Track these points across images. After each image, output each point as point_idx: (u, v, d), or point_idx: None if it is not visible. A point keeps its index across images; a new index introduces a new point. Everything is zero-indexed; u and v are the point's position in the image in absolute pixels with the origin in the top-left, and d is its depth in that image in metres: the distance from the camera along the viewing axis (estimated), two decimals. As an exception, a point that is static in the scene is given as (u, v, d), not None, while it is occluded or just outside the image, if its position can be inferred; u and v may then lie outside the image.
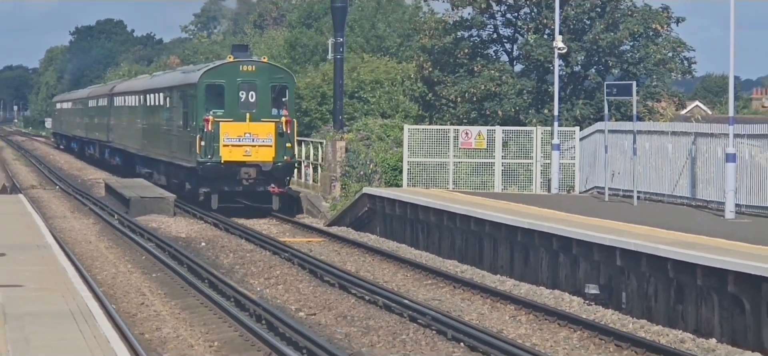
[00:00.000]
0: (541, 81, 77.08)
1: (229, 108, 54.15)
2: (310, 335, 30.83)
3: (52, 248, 35.93)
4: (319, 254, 47.55)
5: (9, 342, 20.90)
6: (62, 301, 25.93)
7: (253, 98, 53.99)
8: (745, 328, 31.43)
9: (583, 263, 40.23)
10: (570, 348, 30.86)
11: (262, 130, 53.04)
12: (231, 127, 52.85)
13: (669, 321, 34.58)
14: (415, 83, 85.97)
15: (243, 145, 52.75)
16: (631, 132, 57.81)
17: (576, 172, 64.64)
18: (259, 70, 56.39)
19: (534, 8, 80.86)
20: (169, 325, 33.80)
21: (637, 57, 79.91)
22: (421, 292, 40.07)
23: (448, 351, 30.33)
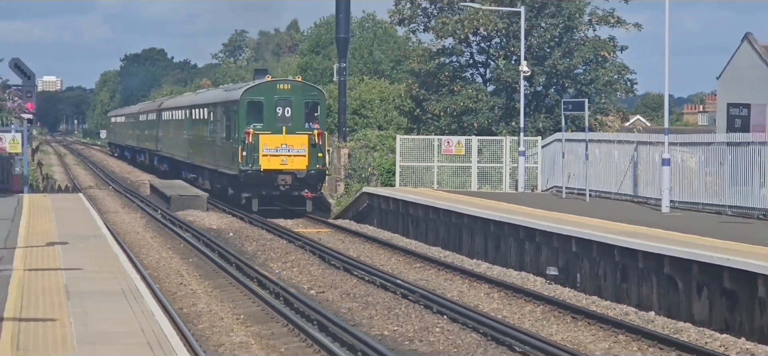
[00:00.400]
0: (509, 99, 77.74)
1: (267, 122, 51.54)
2: (320, 309, 31.02)
3: (107, 238, 35.85)
4: (327, 242, 47.57)
5: (72, 315, 20.86)
6: (115, 281, 25.88)
7: (289, 113, 51.90)
8: (679, 303, 31.57)
9: (545, 250, 40.41)
10: (534, 320, 31.10)
11: (297, 141, 51.21)
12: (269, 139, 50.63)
13: (616, 297, 34.93)
14: (405, 101, 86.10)
15: (280, 155, 50.68)
16: (584, 141, 58.20)
17: (538, 174, 65.19)
18: (294, 89, 54.27)
19: (503, 38, 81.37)
20: (203, 301, 33.97)
21: (589, 79, 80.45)
22: (411, 274, 40.12)
23: (433, 323, 30.33)
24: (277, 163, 50.28)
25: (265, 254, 45.63)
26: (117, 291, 24.50)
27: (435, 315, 31.65)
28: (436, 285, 37.54)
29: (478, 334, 28.78)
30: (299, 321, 29.75)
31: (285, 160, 50.52)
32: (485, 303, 33.89)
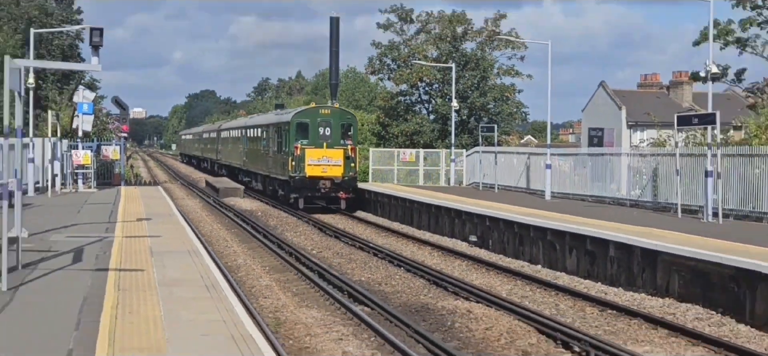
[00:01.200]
0: (444, 124, 78.43)
1: (311, 139, 49.48)
2: (319, 263, 31.25)
3: (177, 216, 35.91)
4: (324, 219, 47.45)
5: (154, 267, 21.04)
6: (182, 244, 26.01)
7: (328, 132, 49.31)
8: (557, 259, 31.74)
9: (468, 224, 40.61)
10: (461, 270, 31.43)
11: (335, 154, 48.91)
12: (314, 152, 48.78)
13: (515, 255, 35.15)
14: (375, 125, 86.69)
15: (321, 164, 48.53)
16: (494, 152, 58.44)
17: (464, 174, 64.98)
18: (333, 113, 51.87)
19: (440, 84, 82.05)
20: (241, 257, 33.94)
21: (497, 111, 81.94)
22: (379, 240, 40.19)
23: (394, 272, 30.47)
24: (319, 171, 48.21)
25: (282, 227, 45.23)
26: (184, 251, 24.68)
27: (395, 267, 31.79)
28: (396, 247, 37.61)
29: (424, 279, 28.96)
30: (305, 270, 30.05)
31: (325, 168, 48.36)
32: (429, 259, 34.03)
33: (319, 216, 49.25)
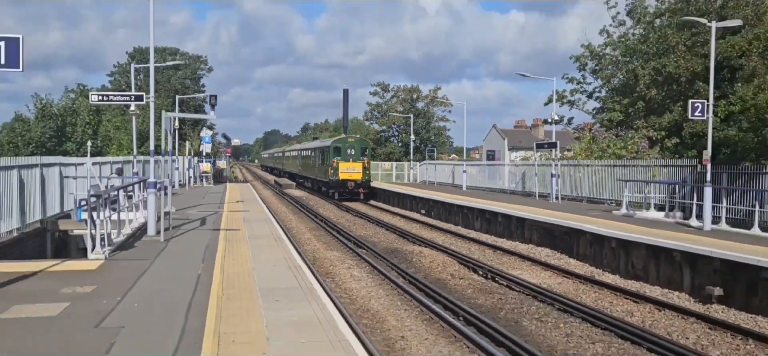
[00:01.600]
0: (407, 148, 77.45)
1: (343, 156, 47.54)
2: (336, 224, 31.15)
3: (258, 199, 35.88)
4: (343, 203, 47.23)
5: (246, 228, 21.13)
6: (262, 215, 26.07)
7: (353, 152, 47.77)
8: (470, 223, 31.72)
9: (421, 204, 40.14)
10: (415, 229, 30.94)
11: (357, 166, 47.49)
12: (344, 164, 47.29)
13: (446, 221, 34.61)
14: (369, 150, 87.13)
15: (349, 172, 47.18)
16: (434, 164, 58.23)
17: (418, 176, 62.37)
18: (356, 140, 50.15)
19: (404, 126, 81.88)
20: (293, 222, 33.48)
21: (436, 141, 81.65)
22: (371, 213, 39.85)
23: (379, 230, 30.39)
24: (347, 175, 47.02)
25: (317, 206, 44.36)
26: (262, 219, 24.75)
27: (380, 228, 31.54)
28: (381, 217, 37.15)
29: (396, 235, 28.87)
30: (330, 230, 30.10)
31: (351, 174, 47.17)
32: (398, 223, 33.62)
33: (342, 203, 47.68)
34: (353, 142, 49.84)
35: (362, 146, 50.18)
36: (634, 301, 15.95)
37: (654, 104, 36.92)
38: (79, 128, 58.43)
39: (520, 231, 26.81)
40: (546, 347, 12.33)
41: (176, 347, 8.22)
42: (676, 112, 34.74)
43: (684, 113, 31.39)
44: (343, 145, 48.96)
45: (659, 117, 36.10)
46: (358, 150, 48.84)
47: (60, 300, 10.74)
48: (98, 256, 14.79)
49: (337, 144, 49.13)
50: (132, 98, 20.22)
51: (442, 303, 15.35)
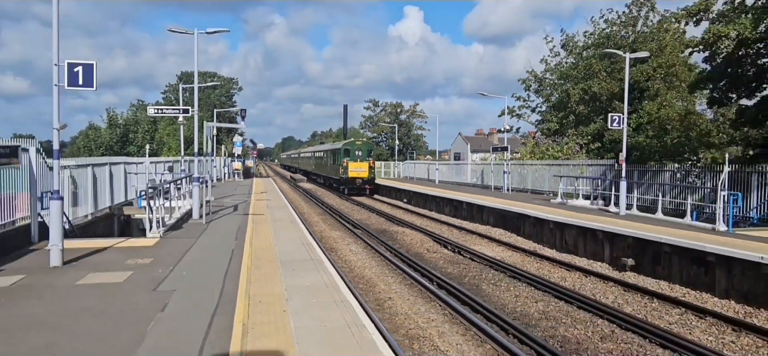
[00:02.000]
0: (392, 150, 77.09)
1: (352, 157, 42.44)
2: (339, 211, 30.88)
3: (277, 191, 35.72)
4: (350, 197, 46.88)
5: (268, 212, 21.03)
6: (281, 202, 25.90)
7: (360, 153, 42.56)
8: (441, 209, 31.54)
9: (403, 194, 39.62)
10: (400, 214, 30.67)
11: (364, 165, 42.27)
12: (353, 164, 42.16)
13: (423, 208, 34.25)
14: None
15: (357, 171, 42.07)
16: (414, 162, 57.78)
17: (402, 173, 61.08)
18: (363, 144, 44.51)
19: (390, 134, 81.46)
20: (305, 208, 33.10)
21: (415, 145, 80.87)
22: (365, 201, 39.75)
23: (372, 215, 30.15)
24: (356, 174, 41.98)
25: (323, 197, 43.88)
26: (281, 206, 24.65)
27: (372, 213, 31.24)
28: (374, 205, 36.95)
29: (384, 218, 28.65)
30: (333, 214, 29.93)
31: (359, 172, 42.19)
32: (386, 209, 33.32)
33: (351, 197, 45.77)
34: (361, 145, 45.30)
35: (368, 148, 45.72)
36: (567, 270, 16.00)
37: (582, 116, 37.07)
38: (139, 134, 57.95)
39: (480, 215, 26.71)
40: (500, 305, 12.37)
41: (216, 305, 8.20)
42: (599, 123, 34.89)
43: (605, 124, 31.56)
44: (352, 147, 44.61)
45: (586, 127, 36.25)
46: (365, 152, 44.43)
47: (125, 269, 10.67)
48: (154, 235, 14.70)
49: (347, 147, 44.80)
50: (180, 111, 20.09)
51: (420, 271, 15.36)
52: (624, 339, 10.01)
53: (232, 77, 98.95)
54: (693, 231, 16.05)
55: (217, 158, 48.42)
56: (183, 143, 22.71)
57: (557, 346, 9.67)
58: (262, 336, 6.77)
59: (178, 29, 18.57)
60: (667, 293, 13.24)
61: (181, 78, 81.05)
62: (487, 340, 9.83)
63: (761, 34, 19.94)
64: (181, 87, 38.63)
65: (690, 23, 23.19)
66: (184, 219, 18.34)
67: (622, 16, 36.56)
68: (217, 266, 11.01)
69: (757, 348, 9.72)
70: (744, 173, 19.50)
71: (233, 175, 53.16)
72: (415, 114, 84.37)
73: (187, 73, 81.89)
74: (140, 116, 61.29)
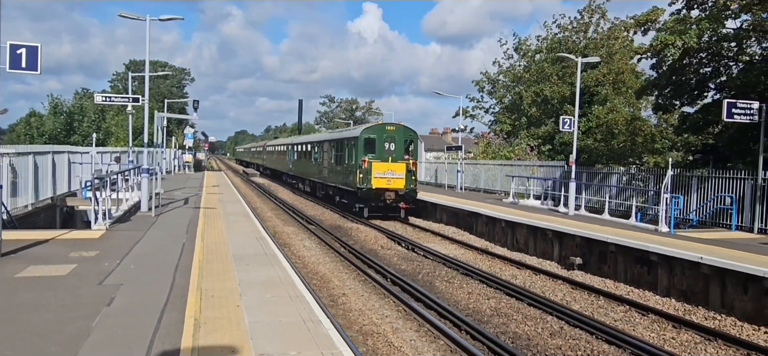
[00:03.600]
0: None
1: (379, 153, 26.58)
2: (293, 206, 30.41)
3: (229, 185, 35.08)
4: (297, 187, 46.08)
5: (221, 206, 20.65)
6: (233, 197, 25.46)
7: (393, 146, 26.82)
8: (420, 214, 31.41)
9: None
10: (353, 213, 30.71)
11: (399, 168, 26.21)
12: (380, 166, 26.08)
13: None
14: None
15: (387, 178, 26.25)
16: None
17: None
18: (398, 130, 27.60)
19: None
20: (258, 203, 32.50)
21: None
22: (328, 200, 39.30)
23: (327, 210, 29.59)
24: (385, 183, 26.43)
25: (276, 191, 43.14)
26: (234, 200, 24.25)
27: (327, 209, 30.72)
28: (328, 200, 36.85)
29: (338, 215, 28.31)
30: (287, 210, 29.52)
31: (391, 180, 26.60)
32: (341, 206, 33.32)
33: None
34: (393, 131, 27.22)
35: (406, 137, 27.07)
36: (517, 267, 16.30)
37: (534, 119, 37.90)
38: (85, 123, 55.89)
39: (433, 213, 26.88)
40: (453, 301, 12.50)
41: (167, 299, 7.97)
42: (550, 126, 35.74)
43: (556, 127, 32.38)
44: (380, 136, 26.94)
45: (538, 129, 37.08)
46: (401, 144, 26.76)
47: (69, 262, 10.26)
48: (100, 227, 14.20)
49: (369, 135, 27.02)
50: (130, 100, 19.49)
51: (374, 267, 15.37)
52: (572, 335, 10.27)
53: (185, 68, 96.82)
54: (637, 232, 16.61)
55: (167, 150, 47.17)
56: (131, 133, 22.04)
57: (508, 342, 9.84)
58: (215, 331, 6.62)
59: (129, 15, 18.00)
60: (613, 291, 13.66)
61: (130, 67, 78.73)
62: (441, 336, 9.92)
63: (704, 45, 20.83)
64: (130, 75, 37.43)
65: (638, 33, 24.01)
66: (132, 212, 17.79)
67: (574, 23, 37.55)
68: (167, 260, 10.72)
69: (696, 344, 10.14)
70: (685, 177, 20.34)
71: (184, 168, 51.95)
72: (371, 111, 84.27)
73: (136, 61, 79.61)
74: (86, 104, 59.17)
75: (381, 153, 25.84)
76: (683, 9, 21.79)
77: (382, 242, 19.86)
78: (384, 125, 27.25)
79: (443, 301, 12.12)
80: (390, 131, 26.58)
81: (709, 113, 22.73)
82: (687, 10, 21.71)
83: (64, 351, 5.94)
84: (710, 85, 23.24)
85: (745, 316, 11.45)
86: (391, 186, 25.47)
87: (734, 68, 22.64)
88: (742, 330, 10.92)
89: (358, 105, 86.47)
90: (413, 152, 26.53)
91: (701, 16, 20.79)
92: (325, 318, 7.30)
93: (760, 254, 13.06)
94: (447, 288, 13.62)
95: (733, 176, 18.50)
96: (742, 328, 11.03)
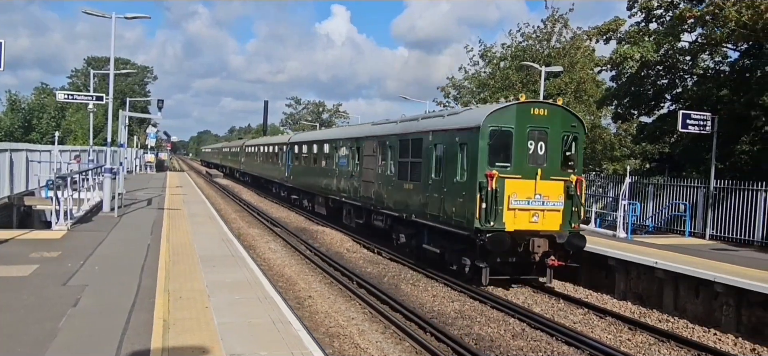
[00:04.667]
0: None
1: (517, 163, 12.00)
2: (257, 208, 29.98)
3: (192, 184, 34.62)
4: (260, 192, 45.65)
5: (186, 207, 20.44)
6: (198, 198, 25.15)
7: (544, 149, 12.08)
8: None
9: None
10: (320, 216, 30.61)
11: (553, 190, 12.13)
12: (519, 186, 11.97)
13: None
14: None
15: (532, 208, 11.95)
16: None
17: None
18: (552, 115, 12.36)
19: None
20: (222, 204, 31.80)
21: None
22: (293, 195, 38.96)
23: (292, 212, 29.32)
24: (527, 222, 12.04)
25: (240, 193, 42.33)
26: (198, 201, 24.02)
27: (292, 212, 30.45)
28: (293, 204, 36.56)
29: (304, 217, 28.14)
30: (251, 212, 29.10)
31: (537, 216, 12.10)
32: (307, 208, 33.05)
33: (260, 190, 42.67)
34: (544, 117, 12.80)
35: (566, 128, 13.06)
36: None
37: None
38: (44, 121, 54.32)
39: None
40: (418, 304, 12.69)
41: (134, 300, 7.96)
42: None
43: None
44: (520, 125, 12.61)
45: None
46: (557, 142, 12.94)
47: (30, 262, 10.10)
48: (62, 227, 13.96)
49: (502, 125, 12.61)
50: (93, 98, 19.16)
51: (340, 270, 15.47)
52: (533, 337, 10.59)
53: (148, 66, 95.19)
54: (596, 237, 17.05)
55: (128, 150, 46.27)
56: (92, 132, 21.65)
57: (472, 344, 10.10)
58: (184, 331, 6.66)
59: (94, 12, 17.70)
60: (572, 294, 14.02)
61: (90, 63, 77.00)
62: (406, 338, 10.11)
63: (661, 57, 21.65)
64: (91, 72, 36.63)
65: (600, 41, 24.78)
66: (94, 212, 17.50)
67: (537, 31, 38.41)
68: (133, 261, 10.64)
69: (650, 345, 10.57)
70: (642, 185, 21.05)
71: (146, 168, 51.03)
72: (338, 114, 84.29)
73: (97, 58, 77.86)
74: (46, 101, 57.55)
75: (521, 162, 12.83)
76: (642, 21, 22.61)
77: (348, 245, 19.94)
78: (528, 105, 13.07)
79: (409, 303, 12.31)
80: (539, 116, 12.95)
81: (665, 123, 23.62)
82: (645, 22, 22.53)
83: (31, 351, 5.91)
84: (666, 96, 24.16)
85: (696, 318, 11.88)
86: (541, 226, 12.86)
87: (689, 81, 23.60)
88: (694, 332, 11.38)
89: (325, 107, 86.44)
90: (576, 157, 13.39)
91: (659, 29, 21.61)
92: (295, 319, 7.41)
93: (711, 259, 13.64)
94: (412, 291, 13.80)
95: (687, 184, 19.24)
96: (693, 330, 11.49)
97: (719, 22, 17.77)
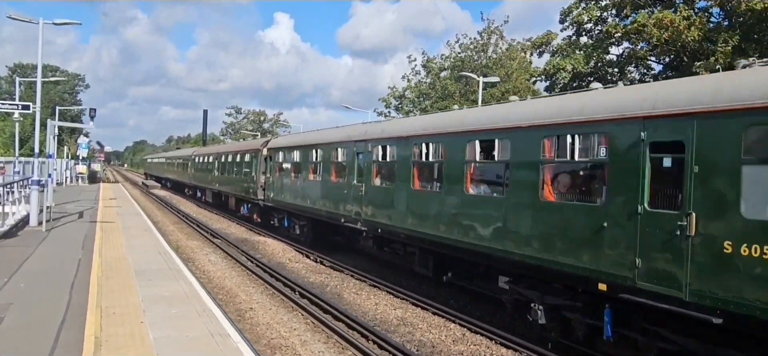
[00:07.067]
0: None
1: None
2: (196, 219, 29.25)
3: (128, 197, 33.45)
4: (198, 203, 44.59)
5: (120, 220, 19.76)
6: (133, 209, 24.37)
7: None
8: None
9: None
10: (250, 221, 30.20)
11: None
12: None
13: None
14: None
15: None
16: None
17: None
18: None
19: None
20: (159, 216, 30.84)
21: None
22: (234, 213, 38.31)
23: (233, 224, 28.92)
24: None
25: (177, 204, 41.57)
26: (133, 213, 23.22)
27: (233, 222, 30.04)
28: (234, 214, 35.99)
29: (245, 228, 27.79)
30: (190, 223, 28.38)
31: None
32: (248, 220, 32.64)
33: (197, 202, 42.68)
34: None
35: None
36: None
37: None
38: (-40, 130, 51.31)
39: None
40: (361, 312, 12.71)
41: (63, 318, 7.62)
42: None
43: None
44: None
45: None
46: None
47: (-52, 281, 9.50)
48: (-16, 243, 13.19)
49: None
50: (19, 107, 18.26)
51: (282, 281, 15.30)
52: (473, 341, 10.80)
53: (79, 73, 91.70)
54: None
55: (58, 160, 44.24)
56: (18, 142, 20.61)
57: (414, 350, 10.20)
58: (117, 348, 6.43)
59: (19, 17, 16.88)
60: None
61: (15, 70, 73.39)
62: (349, 347, 10.10)
63: (591, 69, 22.63)
64: (17, 80, 34.87)
65: (534, 54, 25.68)
66: (19, 226, 16.63)
67: (475, 43, 39.36)
68: (62, 277, 10.18)
69: (584, 345, 10.98)
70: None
71: (77, 179, 48.87)
72: (279, 123, 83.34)
73: (22, 65, 74.35)
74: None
75: None
76: (573, 35, 23.58)
77: (290, 255, 19.73)
78: None
79: (351, 312, 12.31)
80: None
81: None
82: (576, 36, 23.51)
83: (-52, 376, 5.56)
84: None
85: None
86: None
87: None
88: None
89: (266, 117, 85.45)
90: None
91: (588, 42, 22.59)
92: (234, 331, 7.29)
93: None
94: (355, 300, 13.81)
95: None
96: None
97: (643, 37, 18.76)
